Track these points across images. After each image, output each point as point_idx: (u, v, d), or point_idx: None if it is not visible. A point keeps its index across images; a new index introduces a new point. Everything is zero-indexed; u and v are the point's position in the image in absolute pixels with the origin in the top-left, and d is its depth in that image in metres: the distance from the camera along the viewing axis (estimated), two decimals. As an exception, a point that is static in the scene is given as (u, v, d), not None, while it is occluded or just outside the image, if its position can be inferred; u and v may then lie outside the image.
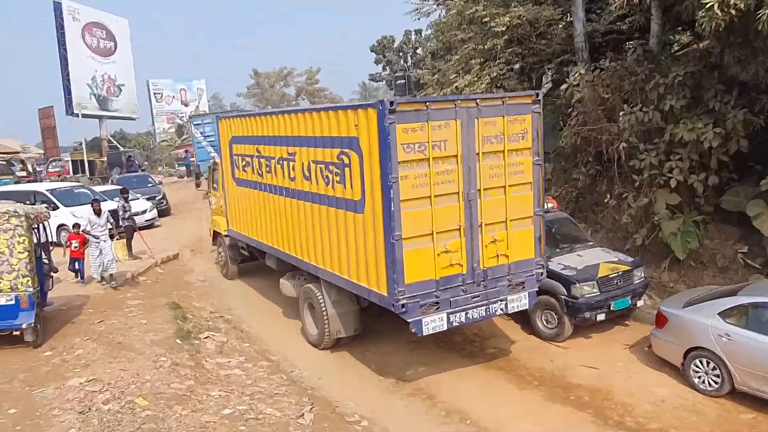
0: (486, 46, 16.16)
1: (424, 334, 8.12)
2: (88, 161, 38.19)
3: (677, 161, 11.23)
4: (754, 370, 7.55)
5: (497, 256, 8.57)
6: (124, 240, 14.71)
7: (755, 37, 9.30)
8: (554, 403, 8.14)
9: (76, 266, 12.62)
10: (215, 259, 15.40)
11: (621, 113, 12.06)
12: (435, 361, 9.51)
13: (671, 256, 11.63)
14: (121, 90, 45.17)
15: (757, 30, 8.69)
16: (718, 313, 7.97)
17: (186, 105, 54.26)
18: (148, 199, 21.04)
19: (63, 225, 17.04)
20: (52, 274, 10.76)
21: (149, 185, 24.11)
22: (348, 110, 8.51)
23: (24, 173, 33.66)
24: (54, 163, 38.58)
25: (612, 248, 11.52)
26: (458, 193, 8.17)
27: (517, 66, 17.75)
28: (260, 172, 11.46)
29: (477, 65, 16.40)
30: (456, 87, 16.78)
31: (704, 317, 8.11)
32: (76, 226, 12.69)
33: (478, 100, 8.36)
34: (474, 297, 8.41)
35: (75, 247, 12.44)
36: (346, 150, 8.49)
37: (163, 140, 52.65)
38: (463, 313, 8.35)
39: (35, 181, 31.04)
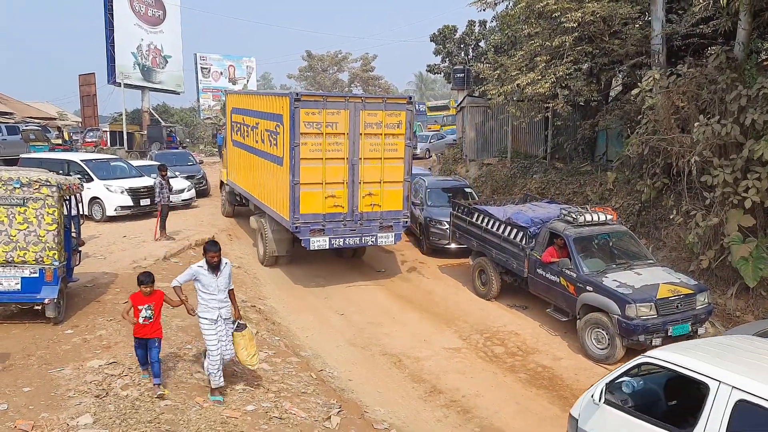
0: (554, 43, 15.87)
1: (311, 249, 12.62)
2: (128, 134, 39.14)
3: (755, 180, 10.78)
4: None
5: (372, 205, 12.93)
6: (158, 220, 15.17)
7: None
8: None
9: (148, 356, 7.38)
10: (220, 202, 20.07)
11: (696, 124, 11.64)
12: (473, 372, 9.41)
13: (740, 282, 11.19)
14: (167, 62, 46.23)
15: None
16: (789, 351, 7.59)
17: (234, 83, 55.20)
18: (187, 178, 21.42)
19: (96, 198, 17.59)
20: (80, 249, 10.98)
21: (189, 164, 24.56)
22: (279, 96, 13.46)
23: (59, 141, 34.19)
24: (91, 133, 39.47)
25: (674, 269, 11.18)
26: (344, 158, 12.55)
27: (585, 66, 17.39)
28: (243, 136, 16.26)
29: (542, 62, 16.11)
30: (518, 85, 16.55)
31: (773, 353, 7.74)
32: (146, 282, 7.27)
33: (363, 98, 12.83)
34: (351, 230, 12.84)
35: (146, 319, 7.27)
36: (277, 122, 13.01)
37: (207, 117, 53.69)
38: (342, 239, 12.79)
39: (70, 150, 31.79)
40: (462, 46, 38.25)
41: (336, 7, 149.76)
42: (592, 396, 5.87)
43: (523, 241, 11.73)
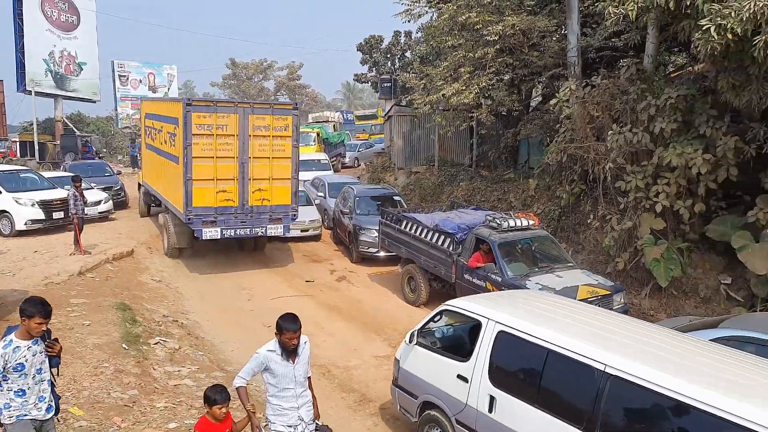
0: (476, 54, 16.35)
1: (203, 238, 14.11)
2: (39, 144, 37.34)
3: (664, 186, 11.46)
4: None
5: (261, 199, 14.41)
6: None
7: (751, 63, 9.56)
8: None
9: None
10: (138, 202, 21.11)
11: (610, 133, 12.28)
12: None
13: (653, 282, 11.84)
14: (81, 69, 44.42)
15: (752, 56, 8.94)
16: (697, 345, 8.09)
17: (154, 91, 53.64)
18: (103, 190, 20.70)
19: (4, 211, 16.72)
20: None
21: (106, 174, 23.72)
22: (175, 101, 15.74)
23: (-36, 151, 32.73)
24: (0, 144, 37.63)
25: (592, 271, 11.72)
26: (234, 157, 14.00)
27: (507, 77, 18.00)
28: (153, 139, 17.62)
29: (466, 73, 16.56)
30: (443, 95, 16.94)
31: (682, 349, 8.23)
32: (221, 401, 5.37)
33: (252, 104, 14.66)
34: (242, 222, 14.32)
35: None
36: (174, 125, 14.38)
37: (126, 127, 51.89)
38: (233, 230, 14.26)
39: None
40: (389, 56, 38.78)
41: (262, 15, 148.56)
42: (407, 340, 7.33)
43: (451, 248, 11.98)
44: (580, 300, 9.87)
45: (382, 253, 15.26)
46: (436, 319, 7.44)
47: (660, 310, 11.66)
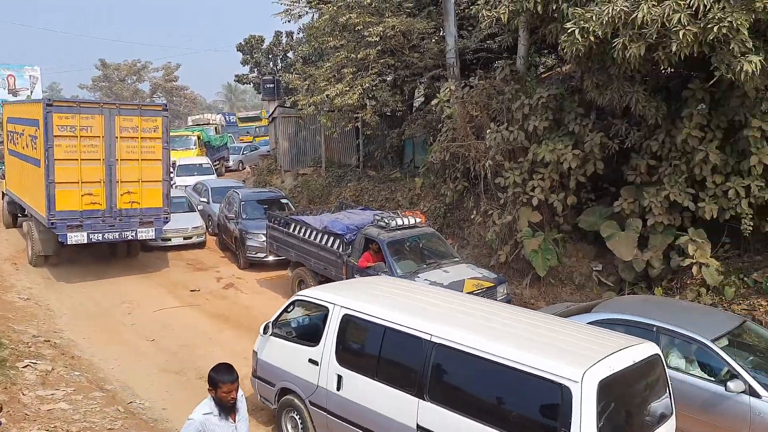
0: (359, 55, 16.45)
1: (68, 243, 13.65)
2: None
3: (539, 180, 12.09)
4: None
5: (131, 202, 14.09)
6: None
7: (612, 64, 10.29)
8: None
9: None
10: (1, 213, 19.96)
11: (488, 131, 12.79)
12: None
13: (532, 272, 12.46)
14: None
15: (612, 57, 9.61)
16: (574, 330, 8.59)
17: (15, 94, 49.31)
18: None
19: None
20: None
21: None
22: (35, 102, 15.57)
23: None
24: None
25: (477, 264, 12.14)
26: (101, 159, 13.64)
27: (389, 77, 18.26)
28: (15, 143, 16.87)
29: (349, 74, 16.62)
30: (327, 96, 16.89)
31: (561, 334, 8.71)
32: None
33: (118, 105, 14.55)
34: (111, 226, 13.93)
35: None
36: (36, 127, 13.93)
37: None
38: (100, 234, 13.85)
39: None
40: (270, 56, 38.18)
41: (135, 15, 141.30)
42: (261, 332, 7.82)
43: (340, 249, 11.96)
44: (467, 293, 10.22)
45: (270, 258, 14.96)
46: (289, 310, 7.90)
47: (540, 299, 12.28)
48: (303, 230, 12.95)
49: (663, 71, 11.35)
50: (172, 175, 24.06)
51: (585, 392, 4.95)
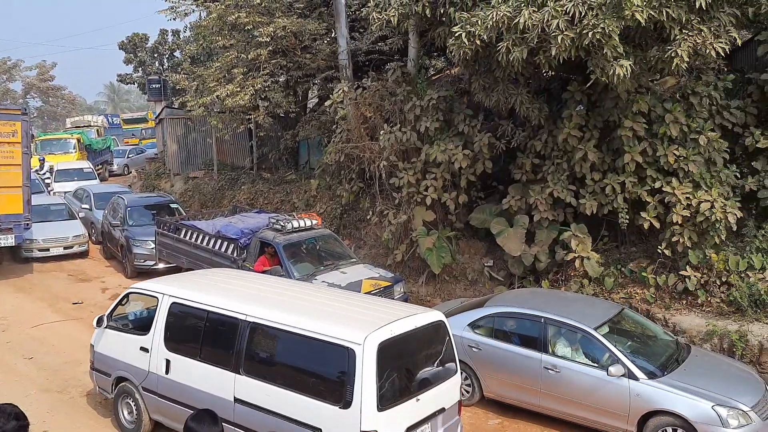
0: (249, 56, 16.06)
1: None
2: None
3: (432, 180, 12.33)
4: (498, 378, 8.51)
5: None
6: None
7: (497, 67, 10.66)
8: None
9: None
10: None
11: (382, 132, 12.88)
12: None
13: (428, 270, 12.69)
14: None
15: (498, 61, 9.96)
16: (468, 324, 8.84)
17: None
18: None
19: None
20: None
21: None
22: None
23: None
24: None
25: (374, 264, 12.21)
26: None
27: (282, 78, 17.98)
28: None
29: (240, 74, 16.20)
30: (217, 96, 16.37)
31: (456, 329, 8.87)
32: None
33: None
34: None
35: None
36: None
37: None
38: None
39: None
40: (156, 55, 36.63)
41: (1, 10, 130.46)
42: (95, 324, 8.20)
43: (235, 253, 11.63)
44: (365, 293, 10.26)
45: (161, 265, 14.25)
46: (123, 303, 8.30)
47: (435, 296, 12.53)
48: (195, 235, 12.48)
49: (544, 74, 11.91)
50: (48, 180, 22.53)
51: (366, 353, 5.78)
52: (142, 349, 7.58)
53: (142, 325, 8.01)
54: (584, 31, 8.64)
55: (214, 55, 20.07)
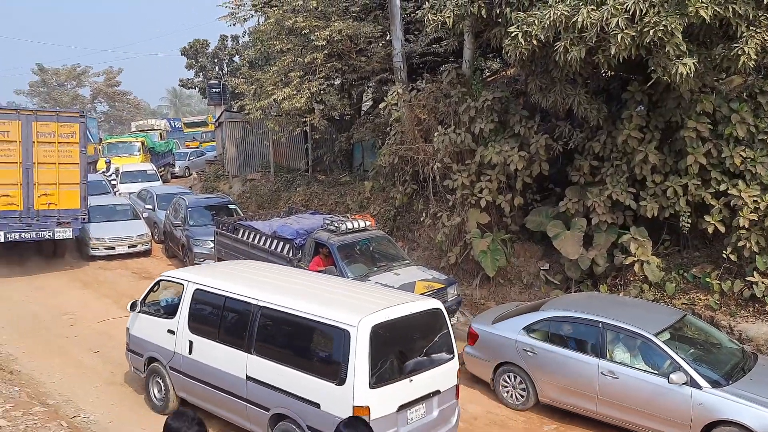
0: (306, 59, 16.32)
1: None
2: None
3: (486, 182, 12.23)
4: (554, 383, 8.37)
5: (48, 203, 14.69)
6: None
7: (554, 67, 10.50)
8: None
9: None
10: None
11: (436, 134, 12.85)
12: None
13: (482, 273, 12.58)
14: None
15: (555, 61, 9.80)
16: (523, 328, 8.73)
17: (-56, 101, 47.13)
18: None
19: None
20: None
21: None
22: None
23: None
24: None
25: (427, 266, 12.19)
26: (17, 163, 14.27)
27: (337, 81, 18.19)
28: None
29: (296, 78, 16.47)
30: (274, 100, 16.69)
31: (510, 333, 8.83)
32: None
33: (36, 111, 15.34)
34: (28, 226, 14.57)
35: None
36: None
37: None
38: (18, 234, 14.52)
39: None
40: (216, 60, 37.58)
41: (72, 18, 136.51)
42: (129, 309, 8.94)
43: (290, 253, 11.81)
44: (418, 294, 10.25)
45: (219, 264, 14.65)
46: (155, 289, 8.97)
47: (489, 299, 12.41)
48: (252, 236, 12.73)
49: (603, 74, 11.65)
50: (114, 182, 23.44)
51: (360, 335, 6.26)
52: (169, 331, 8.24)
53: (169, 309, 8.63)
54: (645, 29, 8.41)
55: (271, 60, 20.46)
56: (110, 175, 24.53)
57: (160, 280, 8.90)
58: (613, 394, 7.79)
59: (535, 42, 9.54)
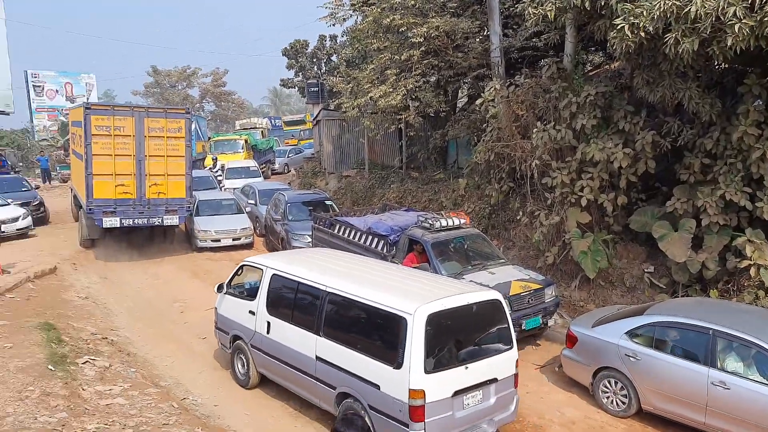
0: (402, 57, 16.41)
1: (104, 227, 15.89)
2: (-51, 160, 35.10)
3: (588, 180, 11.81)
4: (659, 390, 7.98)
5: (158, 193, 16.04)
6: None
7: (663, 60, 9.98)
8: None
9: None
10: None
11: (534, 130, 12.55)
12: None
13: (581, 274, 12.17)
14: (-9, 80, 41.95)
15: (664, 53, 9.32)
16: (625, 333, 8.38)
17: (72, 101, 51.17)
18: (21, 205, 19.60)
19: None
20: None
21: (23, 189, 22.40)
22: (77, 108, 17.84)
23: None
24: None
25: (524, 266, 11.94)
26: (132, 155, 15.69)
27: (433, 78, 18.16)
28: (73, 143, 19.30)
29: (393, 76, 16.59)
30: (370, 98, 16.91)
31: (612, 337, 8.50)
32: None
33: (147, 108, 16.94)
34: (140, 213, 15.94)
35: None
36: (80, 127, 16.12)
37: (44, 139, 49.38)
38: (131, 219, 15.91)
39: None
40: (314, 60, 38.52)
41: (183, 22, 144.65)
42: (216, 291, 9.85)
43: (384, 249, 11.93)
44: (512, 295, 10.09)
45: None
46: (239, 273, 9.71)
47: (589, 301, 11.99)
48: (347, 231, 12.98)
49: (717, 66, 10.97)
50: (220, 177, 24.60)
51: (416, 322, 6.63)
52: (251, 312, 9.00)
53: (251, 292, 9.34)
54: (765, 19, 7.83)
55: (368, 58, 20.74)
56: (216, 171, 25.73)
57: (243, 265, 9.62)
58: (724, 405, 7.34)
59: (642, 34, 9.12)
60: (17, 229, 18.23)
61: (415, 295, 7.18)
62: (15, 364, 8.58)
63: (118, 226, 15.84)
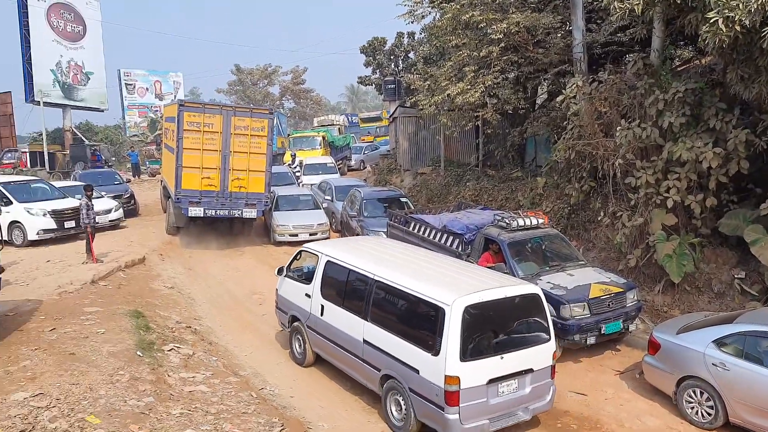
0: (481, 53, 16.21)
1: (189, 215, 16.86)
2: (49, 154, 37.47)
3: (675, 180, 11.31)
4: (749, 403, 7.56)
5: (239, 186, 16.91)
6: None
7: (760, 55, 9.42)
8: (541, 430, 8.09)
9: None
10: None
11: (618, 128, 12.13)
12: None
13: (666, 279, 11.68)
14: (88, 78, 44.61)
15: (761, 48, 8.80)
16: (713, 341, 7.99)
17: (161, 98, 53.84)
18: (114, 198, 20.76)
19: (16, 222, 16.73)
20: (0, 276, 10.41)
21: (116, 183, 23.76)
22: (172, 105, 19.24)
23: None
24: (9, 154, 37.65)
25: (604, 268, 11.57)
26: (218, 150, 16.65)
27: (512, 75, 17.86)
28: (167, 137, 20.25)
29: (471, 72, 16.43)
30: (448, 95, 16.82)
31: (698, 345, 8.12)
32: None
33: (234, 108, 18.06)
34: (222, 204, 16.86)
35: None
36: (174, 123, 17.06)
37: (134, 135, 52.08)
38: (214, 210, 16.83)
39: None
40: (392, 57, 38.64)
41: (265, 20, 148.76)
42: (277, 273, 10.71)
43: (459, 248, 11.87)
44: (592, 298, 9.81)
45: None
46: (298, 258, 10.40)
47: (673, 306, 11.50)
48: (422, 229, 12.99)
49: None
50: (298, 173, 25.16)
51: (454, 313, 7.09)
52: (307, 295, 9.67)
53: (308, 276, 9.96)
54: None
55: (446, 55, 20.63)
56: (295, 167, 26.32)
57: (302, 251, 10.30)
58: (824, 424, 6.87)
59: (738, 28, 8.65)
60: (110, 221, 19.28)
61: (455, 287, 7.59)
62: (107, 349, 9.11)
63: (202, 216, 16.81)
